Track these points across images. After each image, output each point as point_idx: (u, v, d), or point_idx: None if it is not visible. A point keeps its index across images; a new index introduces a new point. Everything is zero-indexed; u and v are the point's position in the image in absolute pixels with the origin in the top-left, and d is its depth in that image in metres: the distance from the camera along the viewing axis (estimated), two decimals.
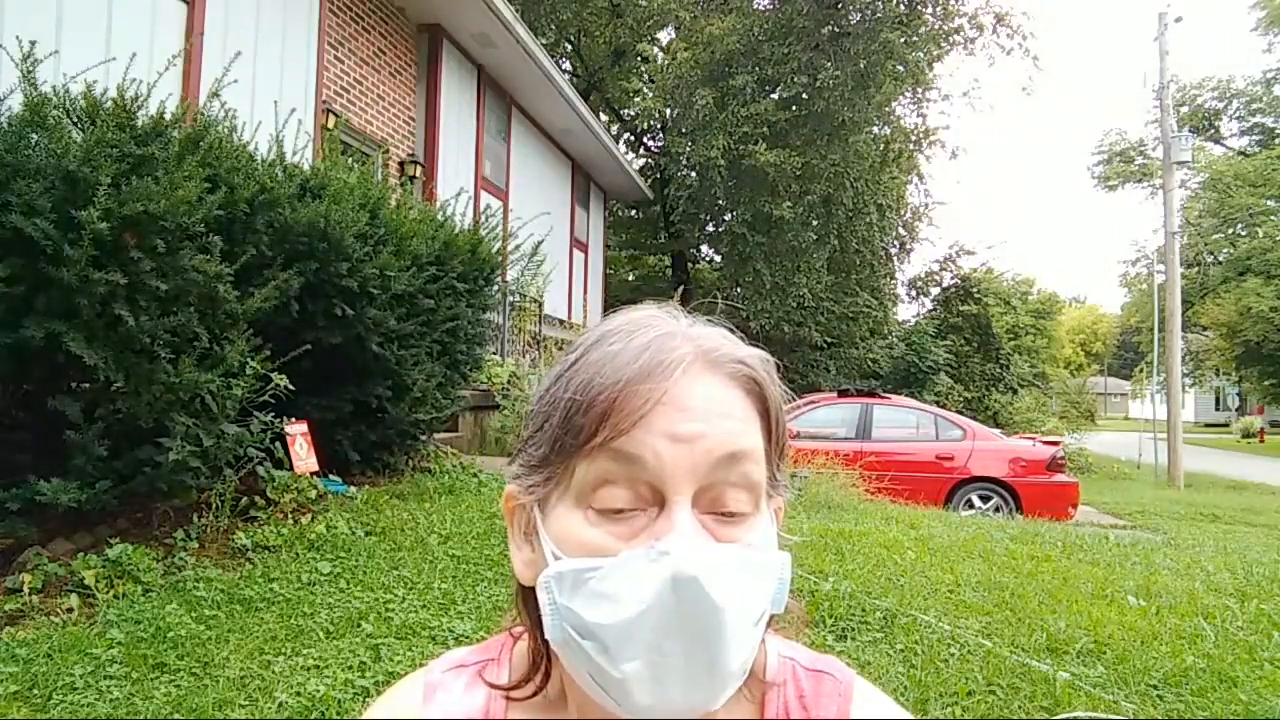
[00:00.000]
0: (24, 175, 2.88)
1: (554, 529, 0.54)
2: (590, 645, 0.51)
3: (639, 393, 0.52)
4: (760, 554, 0.54)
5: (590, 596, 0.51)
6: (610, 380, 0.53)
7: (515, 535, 0.60)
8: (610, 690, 0.51)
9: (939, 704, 2.54)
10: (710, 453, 0.52)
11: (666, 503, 0.52)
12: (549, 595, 0.53)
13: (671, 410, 0.52)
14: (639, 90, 21.06)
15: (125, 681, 2.45)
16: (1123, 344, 58.43)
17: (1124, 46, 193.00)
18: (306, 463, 4.23)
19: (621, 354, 0.54)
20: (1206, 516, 9.53)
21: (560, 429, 0.54)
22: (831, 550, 4.09)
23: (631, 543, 0.51)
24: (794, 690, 0.63)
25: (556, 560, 0.53)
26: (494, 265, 6.09)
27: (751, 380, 0.57)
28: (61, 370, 3.17)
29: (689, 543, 0.50)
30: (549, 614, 0.53)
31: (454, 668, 0.66)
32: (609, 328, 0.58)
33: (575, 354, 0.57)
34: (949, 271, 22.65)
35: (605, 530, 0.52)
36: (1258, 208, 28.87)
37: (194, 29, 5.38)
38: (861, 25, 15.29)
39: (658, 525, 0.52)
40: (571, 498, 0.54)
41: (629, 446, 0.51)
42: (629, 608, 0.49)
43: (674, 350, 0.54)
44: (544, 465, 0.56)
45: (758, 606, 0.53)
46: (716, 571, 0.50)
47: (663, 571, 0.49)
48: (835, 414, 9.28)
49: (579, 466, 0.53)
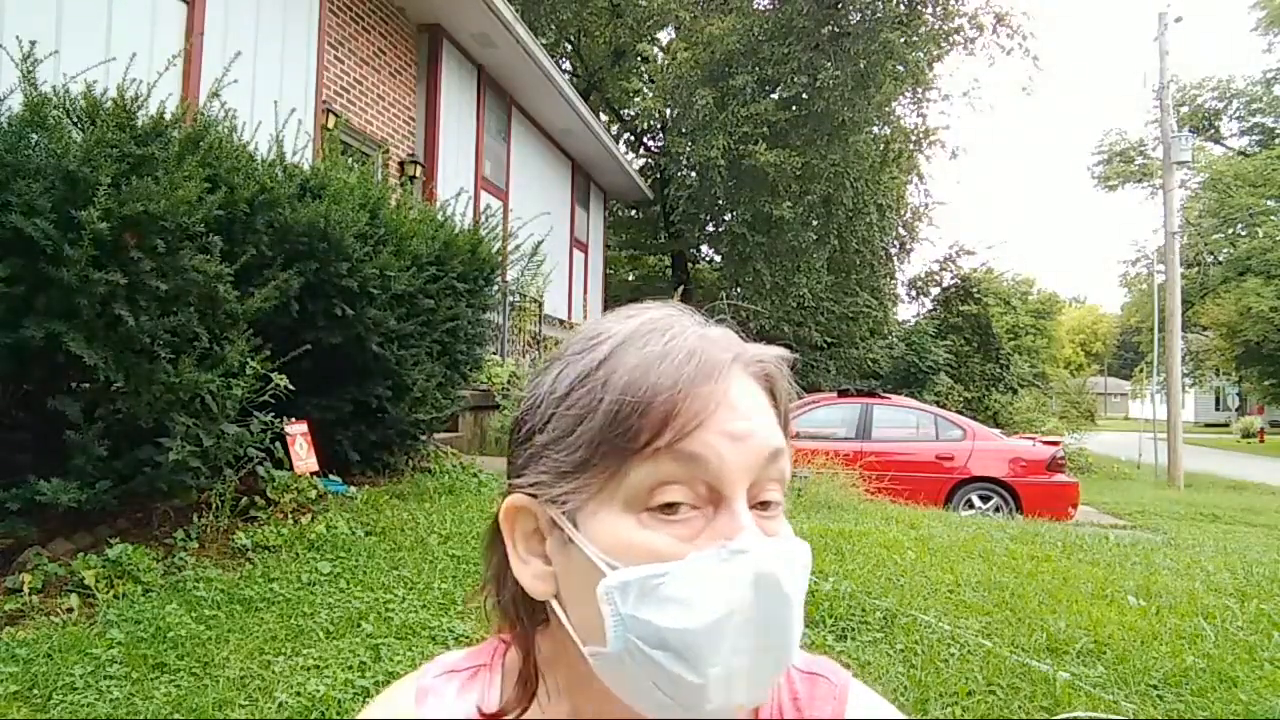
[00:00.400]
0: (24, 175, 2.88)
1: (600, 537, 0.52)
2: (662, 655, 0.49)
3: (701, 394, 0.52)
4: (802, 544, 0.55)
5: (662, 602, 0.49)
6: (667, 381, 0.52)
7: (518, 549, 0.58)
8: (682, 698, 0.50)
9: (939, 704, 2.54)
10: (760, 451, 0.53)
11: (725, 500, 0.52)
12: (612, 607, 0.50)
13: (726, 410, 0.52)
14: (639, 90, 21.06)
15: (125, 681, 2.45)
16: (1123, 344, 58.44)
17: (1124, 46, 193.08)
18: (306, 463, 4.23)
19: (670, 354, 0.53)
20: (1206, 516, 9.53)
21: (608, 431, 0.52)
22: (831, 550, 4.09)
23: (695, 543, 0.51)
24: (788, 693, 0.62)
25: (614, 570, 0.51)
26: (494, 265, 6.09)
27: (768, 379, 0.58)
28: (61, 370, 3.17)
29: (762, 540, 0.51)
30: (612, 626, 0.50)
31: (446, 673, 0.66)
32: (634, 326, 0.56)
33: (599, 352, 0.55)
34: (949, 271, 22.66)
35: (665, 533, 0.51)
36: (1258, 208, 28.87)
37: (194, 29, 5.38)
38: (861, 25, 15.29)
39: (720, 524, 0.51)
40: (619, 503, 0.52)
41: (695, 448, 0.51)
42: (711, 611, 0.49)
43: (720, 352, 0.55)
44: (581, 470, 0.53)
45: (804, 592, 0.55)
46: (786, 566, 0.51)
47: (743, 570, 0.49)
48: (835, 414, 9.27)
49: (634, 469, 0.51)
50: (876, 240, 18.71)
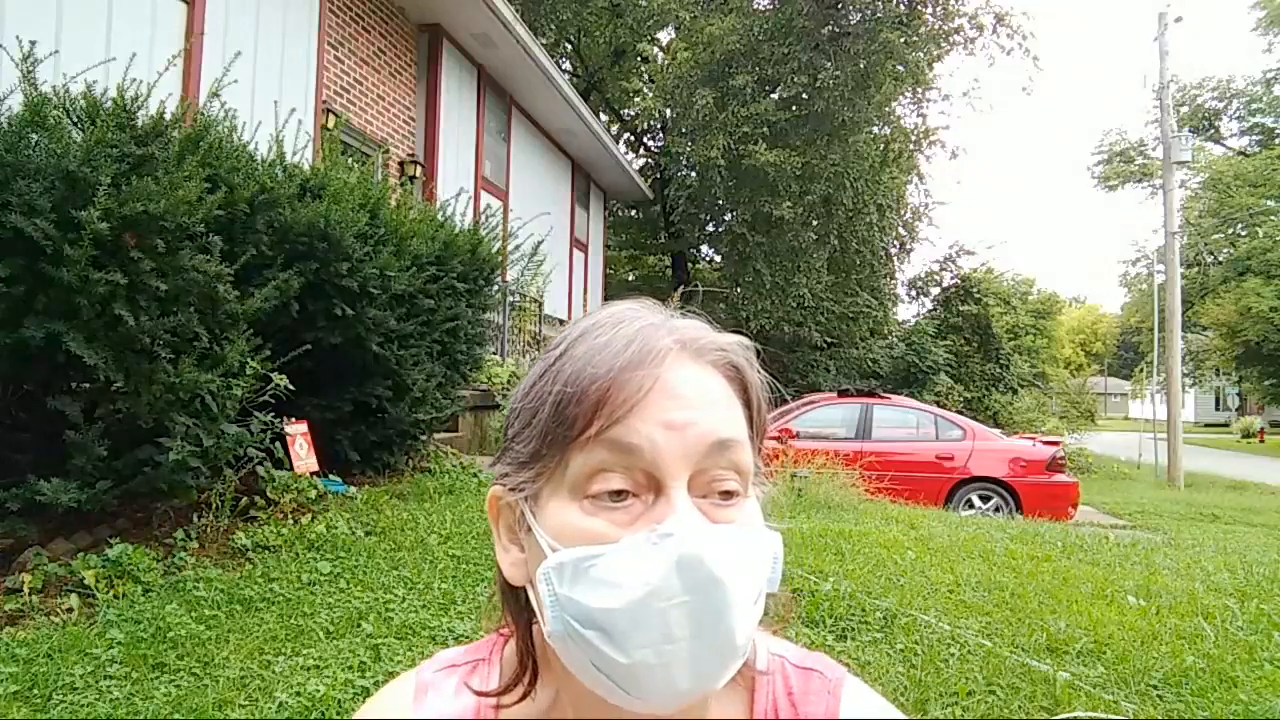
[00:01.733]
0: (24, 175, 2.88)
1: (549, 523, 0.54)
2: (594, 634, 0.50)
3: (631, 381, 0.53)
4: (753, 533, 0.55)
5: (593, 584, 0.51)
6: (602, 370, 0.53)
7: (501, 537, 0.60)
8: (617, 679, 0.51)
9: (939, 704, 2.54)
10: (702, 439, 0.53)
11: (663, 488, 0.52)
12: (548, 587, 0.52)
13: (663, 398, 0.53)
14: (639, 90, 21.06)
15: (125, 681, 2.45)
16: (1123, 344, 58.43)
17: (1124, 46, 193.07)
18: (306, 463, 4.23)
19: (609, 345, 0.55)
20: (1206, 516, 9.53)
21: (552, 422, 0.54)
22: (831, 550, 4.09)
23: (631, 528, 0.52)
24: (783, 687, 0.62)
25: (554, 552, 0.53)
26: (494, 265, 6.09)
27: (732, 367, 0.58)
28: (61, 370, 3.17)
29: (690, 523, 0.51)
30: (549, 606, 0.52)
31: (445, 668, 0.66)
32: (590, 323, 0.58)
33: (559, 349, 0.58)
34: (949, 271, 22.65)
35: (604, 519, 0.52)
36: (1258, 208, 28.88)
37: (194, 29, 5.38)
38: (861, 25, 15.29)
39: (656, 510, 0.52)
40: (566, 490, 0.54)
41: (625, 435, 0.52)
42: (635, 590, 0.49)
43: (660, 340, 0.55)
44: (534, 461, 0.56)
45: (756, 584, 0.54)
46: (718, 549, 0.51)
47: (667, 552, 0.50)
48: (835, 414, 9.28)
49: (573, 458, 0.53)
50: (876, 240, 18.71)
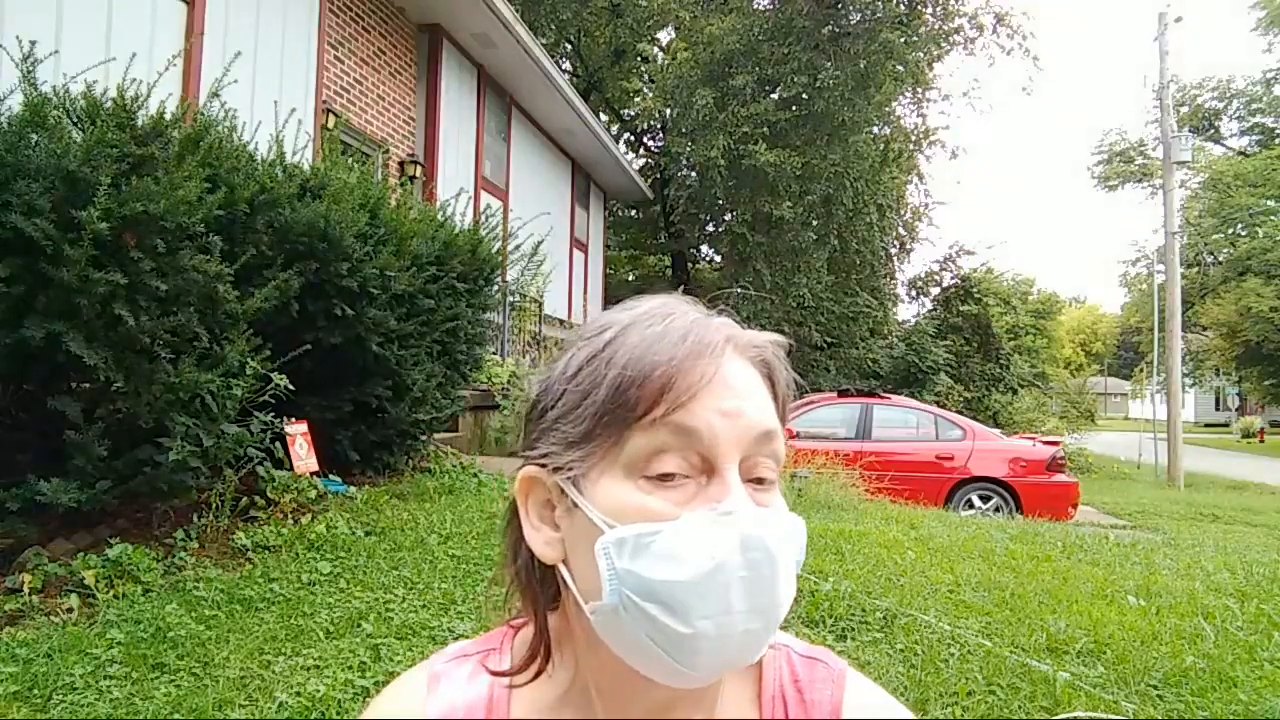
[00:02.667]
0: (24, 175, 2.88)
1: (603, 500, 0.56)
2: (655, 607, 0.52)
3: (694, 369, 0.56)
4: (792, 518, 0.59)
5: (655, 558, 0.53)
6: (664, 357, 0.56)
7: (531, 517, 0.61)
8: (672, 649, 0.53)
9: (939, 704, 2.54)
10: (751, 428, 0.56)
11: (717, 470, 0.55)
12: (608, 561, 0.54)
13: (720, 387, 0.56)
14: (639, 90, 21.06)
15: (125, 681, 2.45)
16: (1123, 344, 58.42)
17: (1124, 46, 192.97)
18: (306, 463, 4.23)
19: (667, 334, 0.58)
20: (1206, 516, 9.53)
21: (610, 403, 0.56)
22: (831, 550, 4.09)
23: (688, 506, 0.54)
24: (789, 675, 0.65)
25: (611, 528, 0.54)
26: (494, 265, 6.09)
27: (765, 363, 0.61)
28: (61, 370, 3.17)
29: (749, 504, 0.54)
30: (607, 580, 0.54)
31: (457, 657, 0.68)
32: (639, 312, 0.61)
33: (607, 335, 0.60)
34: (949, 271, 22.63)
35: (661, 497, 0.55)
36: (1258, 208, 28.87)
37: (194, 29, 5.38)
38: (861, 25, 15.30)
39: (712, 490, 0.55)
40: (620, 469, 0.56)
41: (688, 419, 0.55)
42: (699, 564, 0.52)
43: (713, 334, 0.58)
44: (585, 440, 0.57)
45: (795, 561, 0.58)
46: (773, 529, 0.55)
47: (730, 529, 0.53)
48: (835, 414, 9.27)
49: (633, 438, 0.55)
50: (876, 240, 18.72)
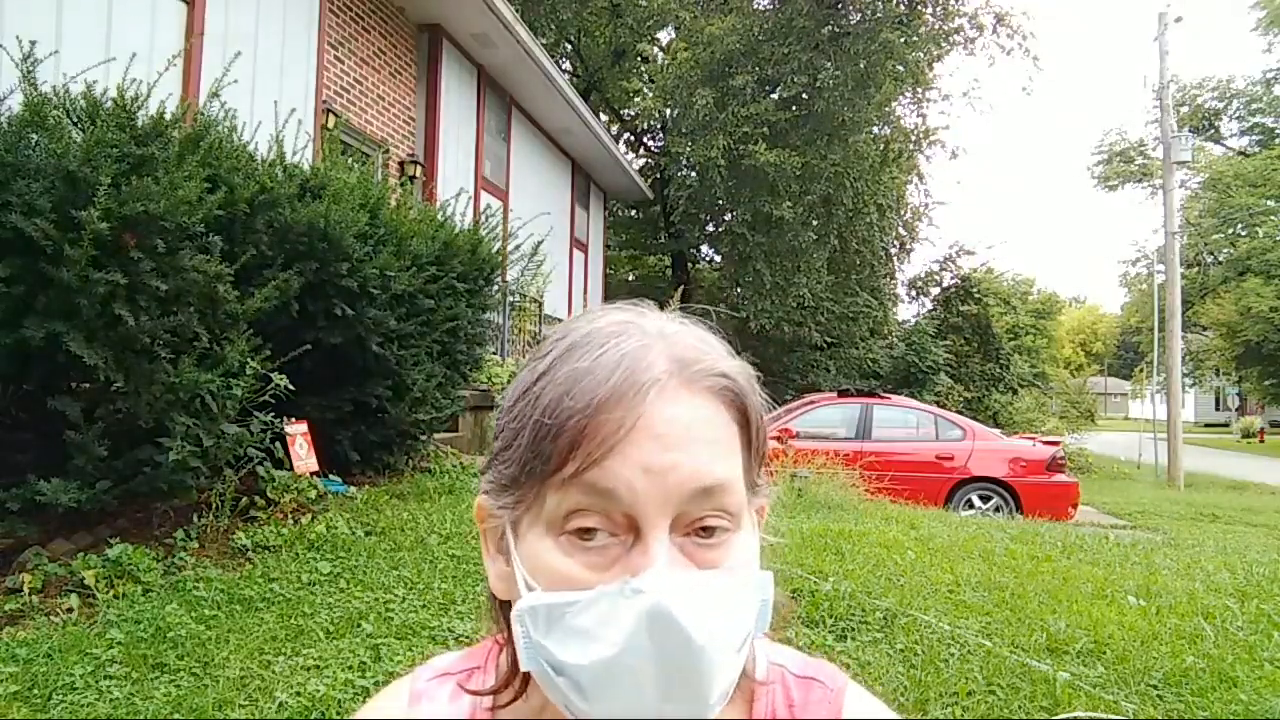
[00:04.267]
0: (24, 175, 2.88)
1: (526, 554, 0.52)
2: (564, 682, 0.49)
3: (610, 421, 0.49)
4: (742, 578, 0.52)
5: (566, 633, 0.49)
6: (580, 404, 0.49)
7: (489, 547, 0.58)
8: None
9: (939, 704, 2.54)
10: (684, 484, 0.49)
11: (641, 532, 0.49)
12: (523, 629, 0.50)
13: (645, 438, 0.49)
14: (639, 90, 21.05)
15: (125, 681, 2.45)
16: (1123, 344, 58.42)
17: (1124, 46, 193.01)
18: (306, 463, 4.23)
19: (593, 371, 0.51)
20: (1206, 516, 9.53)
21: (530, 452, 0.51)
22: (831, 550, 4.09)
23: (607, 574, 0.49)
24: (783, 698, 0.61)
25: (530, 591, 0.51)
26: (494, 265, 6.09)
27: (731, 392, 0.54)
28: (61, 370, 3.17)
29: (664, 579, 0.47)
30: (523, 647, 0.51)
31: (439, 675, 0.65)
32: (580, 335, 0.54)
33: (543, 363, 0.54)
34: (949, 271, 22.65)
35: (579, 560, 0.50)
36: (1258, 208, 28.86)
37: (194, 29, 5.38)
38: (861, 25, 15.29)
39: (633, 558, 0.49)
40: (542, 524, 0.51)
41: (602, 480, 0.49)
42: (603, 648, 0.47)
43: (648, 368, 0.51)
44: (514, 486, 0.53)
45: (740, 634, 0.51)
46: (695, 607, 0.47)
47: (637, 609, 0.46)
48: (835, 414, 9.28)
49: (549, 495, 0.51)
50: (876, 240, 18.72)
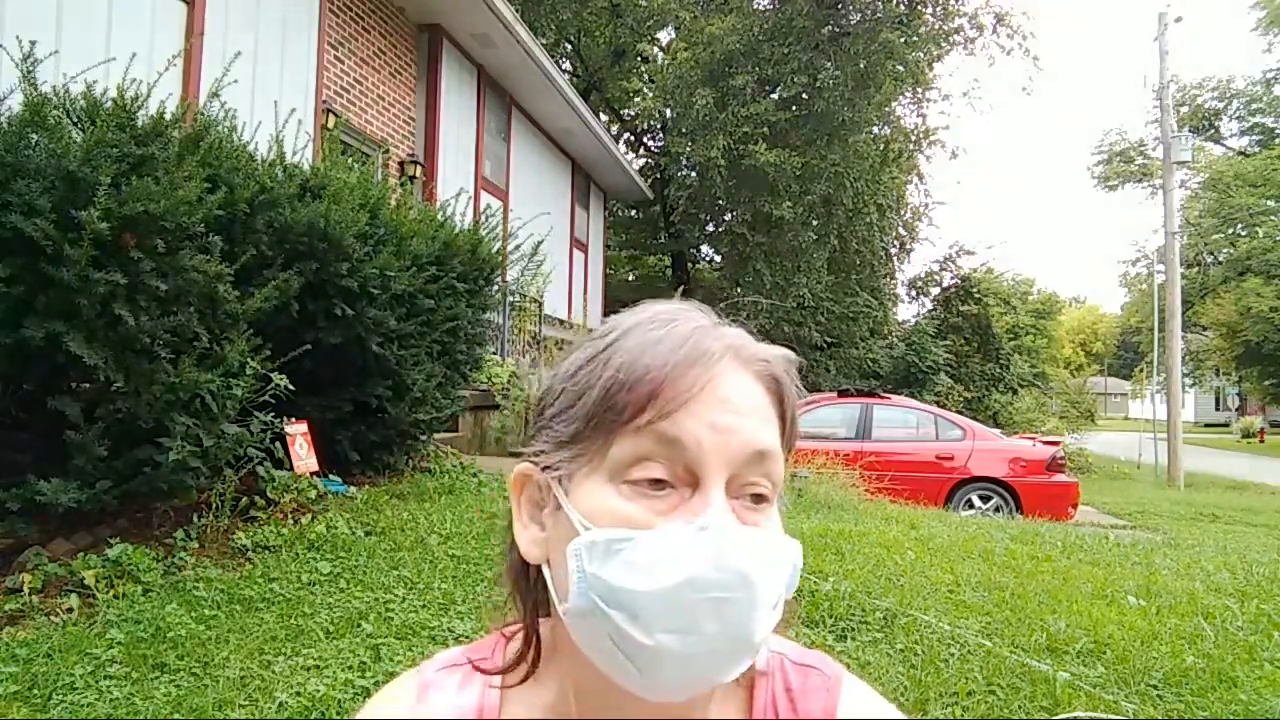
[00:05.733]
0: (24, 175, 2.88)
1: (583, 503, 0.55)
2: (619, 614, 0.51)
3: (686, 378, 0.54)
4: (780, 539, 0.57)
5: (624, 565, 0.52)
6: (657, 363, 0.55)
7: (521, 514, 0.61)
8: (635, 659, 0.52)
9: (939, 704, 2.54)
10: (744, 446, 0.54)
11: (702, 484, 0.54)
12: (578, 563, 0.53)
13: (712, 399, 0.54)
14: (639, 90, 21.05)
15: (125, 681, 2.45)
16: (1123, 344, 58.43)
17: (1124, 46, 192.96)
18: (306, 463, 4.23)
19: (665, 340, 0.56)
20: (1206, 516, 9.52)
21: (599, 406, 0.55)
22: (831, 550, 4.09)
23: (667, 518, 0.53)
24: (781, 684, 0.64)
25: (587, 530, 0.53)
26: (494, 265, 6.09)
27: (773, 379, 0.59)
28: (61, 370, 3.17)
29: (730, 521, 0.52)
30: (576, 581, 0.53)
31: (447, 666, 0.66)
32: (644, 316, 0.60)
33: (609, 337, 0.59)
34: (949, 271, 22.66)
35: (640, 504, 0.53)
36: (1258, 208, 28.87)
37: (194, 29, 5.38)
38: (861, 25, 15.30)
39: (693, 503, 0.53)
40: (604, 473, 0.55)
41: (673, 430, 0.53)
42: (667, 577, 0.50)
43: (713, 344, 0.57)
44: (574, 441, 0.57)
45: (778, 588, 0.55)
46: (751, 548, 0.52)
47: (704, 545, 0.51)
48: (835, 414, 9.27)
49: (618, 443, 0.54)
50: (876, 240, 18.73)
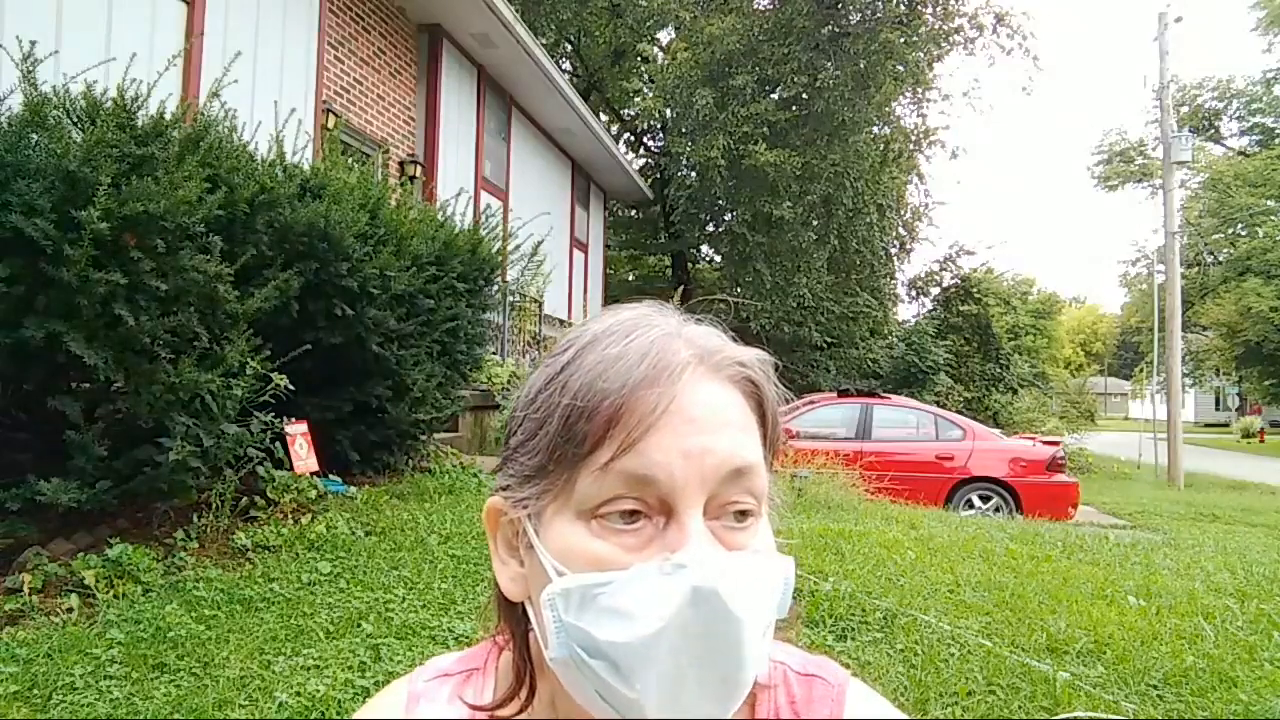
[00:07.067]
0: (24, 175, 2.88)
1: (554, 543, 0.52)
2: (600, 664, 0.48)
3: (646, 399, 0.50)
4: (768, 560, 0.53)
5: (601, 613, 0.48)
6: (614, 385, 0.50)
7: (499, 549, 0.58)
8: (621, 709, 0.49)
9: (939, 704, 2.54)
10: (719, 467, 0.51)
11: (676, 513, 0.50)
12: (553, 613, 0.50)
13: (679, 420, 0.50)
14: (639, 90, 21.04)
15: (125, 681, 2.45)
16: (1123, 344, 58.44)
17: (1124, 46, 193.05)
18: (306, 463, 4.23)
19: (623, 356, 0.51)
20: (1206, 516, 9.52)
21: (560, 437, 0.51)
22: (831, 550, 4.09)
23: (641, 554, 0.49)
24: (785, 695, 0.61)
25: (560, 576, 0.50)
26: (494, 265, 6.09)
27: (750, 382, 0.55)
28: (61, 370, 3.17)
29: (706, 554, 0.48)
30: (554, 633, 0.50)
31: (438, 677, 0.65)
32: (601, 328, 0.55)
33: (566, 355, 0.54)
34: (949, 271, 22.63)
35: (612, 542, 0.50)
36: (1258, 208, 28.87)
37: (194, 29, 5.38)
38: (861, 25, 15.30)
39: (669, 536, 0.50)
40: (573, 508, 0.51)
41: (641, 466, 0.49)
42: (645, 624, 0.47)
43: (676, 354, 0.52)
44: (539, 476, 0.53)
45: (768, 613, 0.52)
46: (734, 582, 0.48)
47: (681, 585, 0.47)
48: (835, 414, 9.28)
49: (581, 481, 0.50)
50: (876, 240, 18.71)
